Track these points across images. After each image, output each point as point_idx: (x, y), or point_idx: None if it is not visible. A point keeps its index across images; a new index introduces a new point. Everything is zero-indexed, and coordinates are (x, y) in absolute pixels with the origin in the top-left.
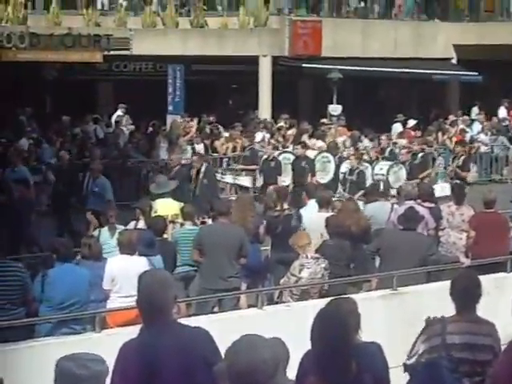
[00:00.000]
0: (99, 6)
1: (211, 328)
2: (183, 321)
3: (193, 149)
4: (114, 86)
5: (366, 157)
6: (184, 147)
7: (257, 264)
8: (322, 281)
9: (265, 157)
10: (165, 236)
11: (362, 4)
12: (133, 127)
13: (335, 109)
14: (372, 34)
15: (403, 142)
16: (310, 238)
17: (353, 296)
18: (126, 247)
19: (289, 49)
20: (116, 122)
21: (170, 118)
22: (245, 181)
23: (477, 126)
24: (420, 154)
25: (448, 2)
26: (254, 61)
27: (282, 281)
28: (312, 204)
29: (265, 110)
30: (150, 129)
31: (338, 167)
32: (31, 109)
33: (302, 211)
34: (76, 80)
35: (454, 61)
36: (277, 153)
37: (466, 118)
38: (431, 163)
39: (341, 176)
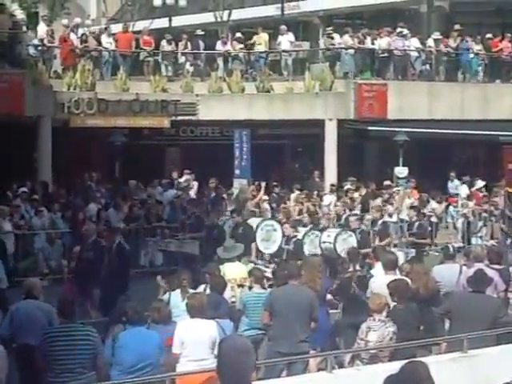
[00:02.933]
0: (165, 73)
1: None
2: None
3: (260, 212)
4: (181, 151)
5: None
6: (252, 211)
7: (326, 327)
8: (390, 344)
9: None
10: (233, 299)
11: (427, 67)
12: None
13: (401, 171)
14: (438, 96)
15: (471, 203)
16: (387, 300)
17: (423, 359)
18: (196, 311)
19: (354, 112)
20: (183, 186)
21: (236, 182)
22: (190, 248)
23: None
24: (380, 221)
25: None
26: (319, 124)
27: (354, 347)
28: (380, 266)
29: (331, 173)
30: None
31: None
32: (99, 174)
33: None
34: (144, 145)
35: None
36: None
37: None
38: (391, 231)
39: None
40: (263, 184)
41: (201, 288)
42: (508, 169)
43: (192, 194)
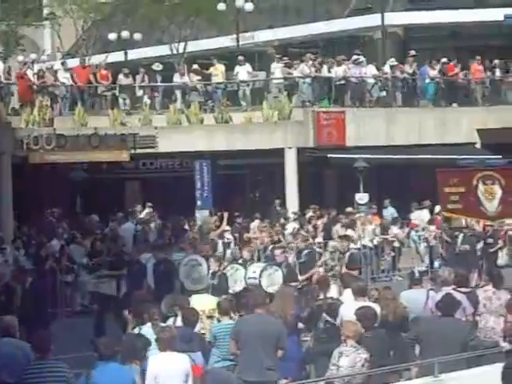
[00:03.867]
0: (123, 106)
1: None
2: None
3: (223, 243)
4: (141, 184)
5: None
6: (215, 241)
7: (298, 356)
8: (362, 371)
9: None
10: (202, 331)
11: (384, 93)
12: (159, 223)
13: (362, 197)
14: (395, 121)
15: (432, 228)
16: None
17: None
18: (167, 344)
19: (313, 140)
20: (145, 219)
21: (199, 213)
22: (106, 288)
23: None
24: (304, 252)
25: (469, 87)
26: (279, 153)
27: (327, 374)
28: (348, 293)
29: (292, 201)
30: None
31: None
32: (61, 209)
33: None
34: (104, 179)
35: (478, 145)
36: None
37: None
38: (317, 261)
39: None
40: (225, 214)
41: (170, 321)
42: (443, 192)
43: (153, 226)
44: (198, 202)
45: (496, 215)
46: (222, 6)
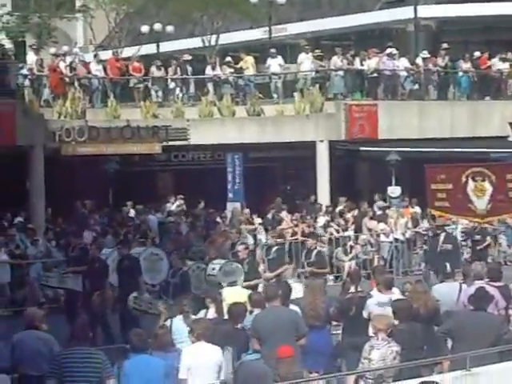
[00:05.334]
0: (156, 98)
1: None
2: None
3: (254, 236)
4: (173, 176)
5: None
6: (244, 234)
7: (328, 349)
8: (394, 364)
9: None
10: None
11: (417, 86)
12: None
13: (394, 190)
14: (427, 114)
15: (464, 221)
16: (391, 322)
17: (427, 378)
18: (201, 336)
19: (345, 133)
20: (176, 211)
21: (230, 206)
22: (72, 283)
23: None
24: (274, 249)
25: (501, 80)
26: (311, 146)
27: (358, 367)
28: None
29: (323, 195)
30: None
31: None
32: (92, 201)
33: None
34: (136, 171)
35: (510, 138)
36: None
37: None
38: (287, 257)
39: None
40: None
41: (201, 313)
42: (431, 189)
43: (184, 218)
44: (230, 195)
45: (485, 213)
46: None
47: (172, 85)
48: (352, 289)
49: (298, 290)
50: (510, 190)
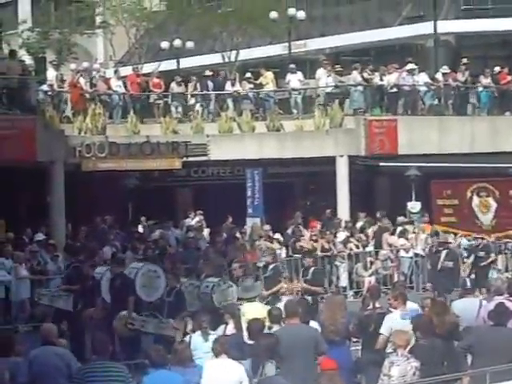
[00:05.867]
0: (176, 114)
1: None
2: None
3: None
4: (193, 191)
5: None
6: (264, 249)
7: (348, 365)
8: (414, 380)
9: None
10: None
11: (437, 101)
12: (208, 230)
13: (414, 206)
14: (447, 130)
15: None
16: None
17: None
18: (222, 352)
19: (365, 148)
20: (196, 226)
21: (249, 221)
22: (63, 302)
23: None
24: (271, 266)
25: None
26: (330, 161)
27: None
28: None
29: (343, 210)
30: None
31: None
32: (112, 216)
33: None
34: (156, 187)
35: None
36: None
37: None
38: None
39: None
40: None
41: (221, 329)
42: (437, 204)
43: (205, 234)
44: (249, 210)
45: (491, 229)
46: (274, 15)
47: (192, 100)
48: (371, 305)
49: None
50: None
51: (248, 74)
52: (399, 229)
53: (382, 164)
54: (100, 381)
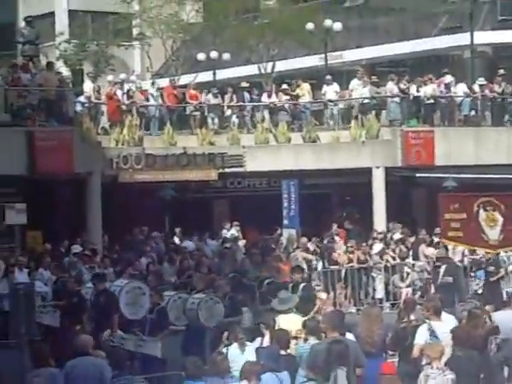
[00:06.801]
0: (212, 125)
1: None
2: None
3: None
4: (229, 203)
5: None
6: (300, 260)
7: None
8: None
9: None
10: (288, 351)
11: (473, 112)
12: (244, 242)
13: None
14: (484, 141)
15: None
16: (444, 351)
17: None
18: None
19: (402, 159)
20: (232, 237)
21: (285, 232)
22: (50, 319)
23: None
24: (301, 286)
25: None
26: (366, 172)
27: None
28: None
29: (379, 221)
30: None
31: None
32: (149, 227)
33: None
34: (192, 198)
35: None
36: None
37: None
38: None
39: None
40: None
41: (257, 341)
42: (444, 218)
43: (241, 244)
44: (285, 221)
45: (498, 244)
46: (310, 26)
47: (228, 112)
48: (406, 317)
49: None
50: None
51: (284, 86)
52: (436, 240)
53: (418, 175)
54: None
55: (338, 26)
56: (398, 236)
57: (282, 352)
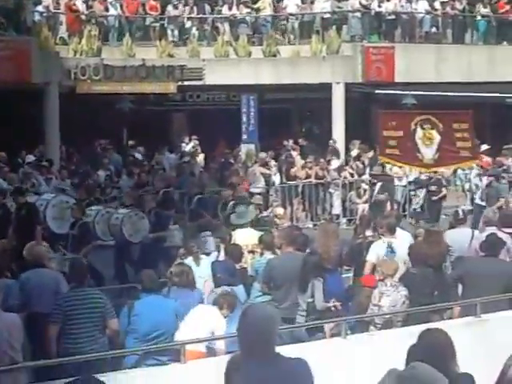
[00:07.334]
0: (172, 38)
1: None
2: None
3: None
4: (187, 116)
5: None
6: (257, 175)
7: (339, 292)
8: (404, 309)
9: None
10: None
11: (435, 29)
12: (203, 156)
13: None
14: (445, 58)
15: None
16: (398, 267)
17: (436, 324)
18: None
19: (362, 75)
20: (190, 151)
21: (244, 147)
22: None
23: None
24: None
25: None
26: (326, 88)
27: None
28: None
29: (338, 137)
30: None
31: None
32: (107, 140)
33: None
34: (150, 111)
35: None
36: None
37: None
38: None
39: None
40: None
41: (213, 255)
42: (382, 135)
43: (199, 159)
44: (244, 136)
45: (432, 163)
46: None
47: (188, 24)
48: (362, 233)
49: None
50: (456, 139)
51: None
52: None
53: (378, 91)
54: (79, 309)
55: None
56: (355, 152)
57: (237, 266)
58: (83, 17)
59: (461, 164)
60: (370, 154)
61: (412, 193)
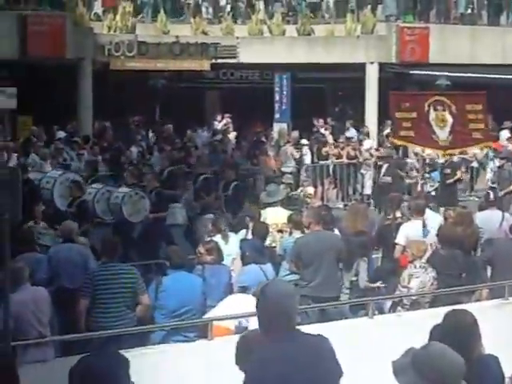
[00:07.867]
0: (206, 15)
1: None
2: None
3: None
4: (220, 94)
5: None
6: (289, 155)
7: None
8: (432, 290)
9: None
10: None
11: (470, 11)
12: (235, 134)
13: None
14: (480, 40)
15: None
16: (428, 248)
17: (465, 306)
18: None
19: (396, 55)
20: (223, 129)
21: (276, 126)
22: None
23: None
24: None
25: None
26: (360, 68)
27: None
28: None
29: (371, 117)
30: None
31: None
32: (140, 116)
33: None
34: (183, 88)
35: None
36: None
37: None
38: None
39: None
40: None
41: (242, 233)
42: (395, 117)
43: (232, 137)
44: (276, 115)
45: (447, 145)
46: None
47: (223, 1)
48: (392, 214)
49: None
50: (469, 121)
51: None
52: None
53: (411, 72)
54: (110, 283)
55: None
56: (387, 133)
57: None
58: None
59: (473, 147)
60: None
61: (427, 175)
